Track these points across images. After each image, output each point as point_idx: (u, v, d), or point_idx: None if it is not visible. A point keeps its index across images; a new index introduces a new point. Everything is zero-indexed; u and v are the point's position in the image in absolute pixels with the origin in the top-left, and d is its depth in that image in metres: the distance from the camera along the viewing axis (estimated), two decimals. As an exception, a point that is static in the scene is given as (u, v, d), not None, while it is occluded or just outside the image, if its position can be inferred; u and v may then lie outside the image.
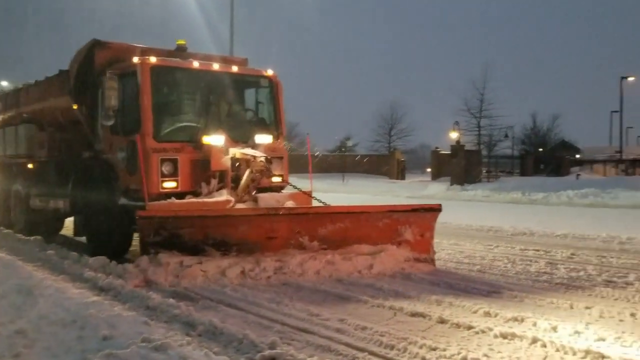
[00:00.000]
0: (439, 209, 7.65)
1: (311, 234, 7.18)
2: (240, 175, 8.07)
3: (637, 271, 7.28)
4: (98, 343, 3.96)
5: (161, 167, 7.73)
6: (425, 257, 7.50)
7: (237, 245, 6.89)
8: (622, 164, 42.47)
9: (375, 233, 7.35)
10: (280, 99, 9.32)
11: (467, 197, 25.44)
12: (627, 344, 4.36)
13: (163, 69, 8.18)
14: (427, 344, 4.42)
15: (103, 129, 8.57)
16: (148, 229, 6.66)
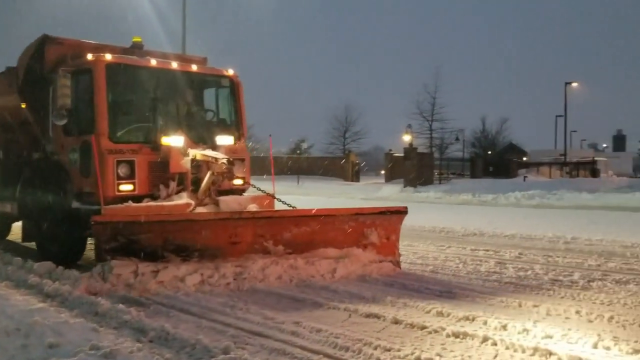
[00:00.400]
0: (405, 211, 7.59)
1: (276, 238, 6.97)
2: (200, 178, 7.88)
3: (581, 270, 7.54)
4: (44, 351, 3.81)
5: (117, 169, 7.46)
6: (391, 260, 7.45)
7: (199, 250, 6.65)
8: (566, 167, 44.04)
9: (341, 236, 7.22)
10: (241, 99, 9.14)
11: (420, 198, 25.83)
12: (573, 341, 4.50)
13: (119, 67, 7.87)
14: (382, 344, 4.45)
15: (54, 129, 8.23)
16: (104, 234, 6.35)
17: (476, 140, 63.64)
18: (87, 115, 7.70)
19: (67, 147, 8.01)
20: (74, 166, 7.81)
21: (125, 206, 7.27)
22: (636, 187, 25.76)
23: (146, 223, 6.40)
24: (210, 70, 9.18)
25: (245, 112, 9.20)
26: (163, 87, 8.40)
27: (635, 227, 12.46)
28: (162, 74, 8.35)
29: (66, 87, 7.41)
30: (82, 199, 7.64)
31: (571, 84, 44.66)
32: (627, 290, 6.33)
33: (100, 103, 7.56)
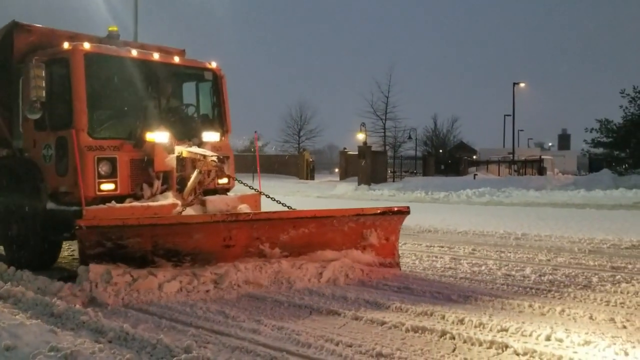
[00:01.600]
0: (407, 211, 7.23)
1: (272, 241, 6.62)
2: (185, 177, 7.53)
3: (532, 265, 7.80)
4: (0, 354, 3.70)
5: (98, 168, 6.98)
6: (390, 261, 7.20)
7: (191, 255, 6.28)
8: (514, 165, 45.33)
9: (340, 238, 6.94)
10: (225, 93, 8.76)
11: (374, 196, 26.12)
12: (527, 334, 4.66)
13: (98, 57, 7.35)
14: (344, 340, 4.51)
15: (25, 124, 7.68)
16: (89, 239, 5.88)
17: (428, 139, 64.75)
18: (63, 109, 7.19)
19: (39, 143, 7.48)
20: (48, 164, 7.31)
21: (109, 207, 6.80)
22: (580, 184, 26.76)
23: (136, 227, 5.97)
24: (193, 62, 8.64)
25: (229, 107, 8.83)
26: (144, 79, 7.90)
27: (582, 223, 12.96)
28: (143, 65, 7.85)
29: (40, 78, 6.83)
30: (57, 199, 7.15)
31: (519, 84, 46.03)
32: (577, 284, 6.59)
33: (78, 95, 7.06)
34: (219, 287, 6.10)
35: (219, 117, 8.71)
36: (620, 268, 7.50)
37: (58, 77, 7.23)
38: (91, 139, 7.04)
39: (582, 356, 4.13)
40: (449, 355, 4.26)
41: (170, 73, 8.20)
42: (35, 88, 6.81)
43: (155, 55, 7.98)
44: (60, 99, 7.23)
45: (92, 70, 7.20)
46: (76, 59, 7.09)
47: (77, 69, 7.07)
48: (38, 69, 6.83)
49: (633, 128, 28.21)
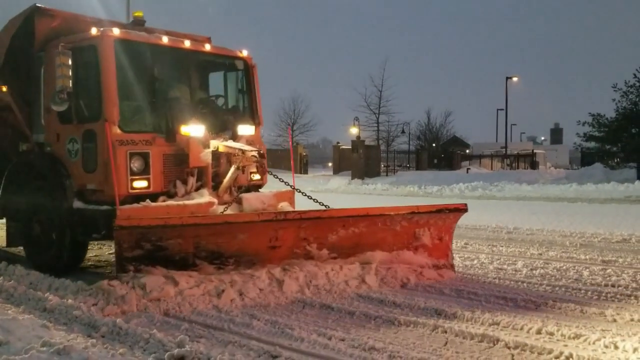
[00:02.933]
0: (464, 209, 6.72)
1: (320, 241, 6.20)
2: (219, 173, 7.14)
3: (524, 258, 7.85)
4: (-8, 350, 3.70)
5: (130, 163, 6.47)
6: (444, 263, 6.70)
7: (235, 256, 5.90)
8: (507, 159, 45.50)
9: (391, 238, 6.48)
10: (257, 83, 8.23)
11: (368, 190, 26.19)
12: (518, 327, 4.70)
13: (128, 44, 6.80)
14: (336, 335, 4.52)
15: (47, 116, 7.14)
16: (128, 241, 5.48)
17: (421, 133, 64.78)
18: (91, 100, 6.70)
19: (63, 137, 6.93)
20: (74, 159, 6.81)
21: (144, 206, 6.30)
22: (573, 178, 26.92)
23: (178, 226, 5.53)
24: (225, 50, 8.00)
25: (260, 98, 8.35)
26: (175, 68, 7.44)
27: (573, 217, 13.04)
28: (174, 53, 7.35)
29: (66, 66, 6.32)
30: (84, 197, 6.68)
31: (512, 78, 46.10)
32: (568, 277, 6.64)
33: (108, 85, 6.53)
34: (246, 297, 5.56)
35: (250, 109, 8.21)
36: (611, 262, 7.56)
37: (85, 66, 6.76)
38: (122, 133, 6.53)
39: (572, 349, 4.16)
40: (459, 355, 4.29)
41: (201, 61, 7.79)
42: (61, 77, 6.34)
43: (187, 43, 7.44)
44: (88, 89, 6.77)
45: (121, 58, 6.71)
46: (106, 46, 6.58)
47: (107, 57, 6.57)
48: (64, 56, 6.35)
49: (625, 122, 28.30)
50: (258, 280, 5.70)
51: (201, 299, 5.46)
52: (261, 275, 5.75)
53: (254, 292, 5.59)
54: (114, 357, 3.63)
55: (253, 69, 8.20)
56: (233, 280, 5.65)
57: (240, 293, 5.53)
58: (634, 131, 28.52)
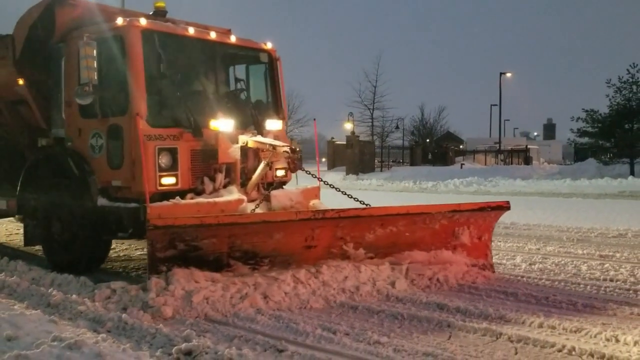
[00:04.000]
0: (507, 207, 6.47)
1: (357, 241, 6.01)
2: (246, 169, 6.96)
3: (522, 253, 7.92)
4: (2, 344, 3.71)
5: (158, 159, 6.22)
6: (483, 263, 6.48)
7: (269, 257, 5.74)
8: (501, 154, 45.66)
9: (429, 237, 6.28)
10: (281, 77, 8.02)
11: (363, 186, 26.23)
12: (520, 321, 4.76)
13: (155, 35, 6.53)
14: (340, 329, 4.57)
15: (67, 110, 6.88)
16: (161, 240, 5.27)
17: (415, 129, 64.92)
18: (116, 93, 6.45)
19: (86, 131, 6.64)
20: (97, 155, 6.54)
21: (174, 204, 6.09)
22: (566, 173, 27.08)
23: (214, 225, 5.34)
24: (250, 43, 7.75)
25: (284, 92, 8.13)
26: (201, 60, 7.18)
27: (569, 212, 13.13)
28: (199, 45, 7.08)
29: (91, 57, 6.05)
30: (108, 195, 6.47)
31: (506, 74, 46.24)
32: (567, 272, 6.71)
33: (136, 78, 6.27)
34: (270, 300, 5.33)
35: (274, 103, 8.01)
36: (609, 256, 7.64)
37: (111, 57, 6.48)
38: (150, 127, 6.25)
39: (574, 342, 4.22)
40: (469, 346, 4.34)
41: (226, 54, 7.55)
42: (86, 69, 6.07)
43: (212, 34, 7.20)
44: (114, 82, 6.50)
45: (148, 50, 6.44)
46: (133, 37, 6.32)
47: (134, 48, 6.31)
48: (89, 47, 6.06)
49: (618, 118, 28.49)
50: (283, 283, 5.47)
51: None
52: (286, 279, 5.52)
53: (279, 295, 5.35)
54: (125, 352, 3.66)
55: (277, 61, 7.99)
56: (257, 282, 5.46)
57: (265, 296, 5.32)
58: (627, 127, 28.71)
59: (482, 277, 6.27)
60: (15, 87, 7.22)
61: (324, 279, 5.62)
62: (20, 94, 7.26)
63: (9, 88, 7.32)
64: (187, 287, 5.18)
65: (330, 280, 5.62)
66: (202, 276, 5.36)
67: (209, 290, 5.18)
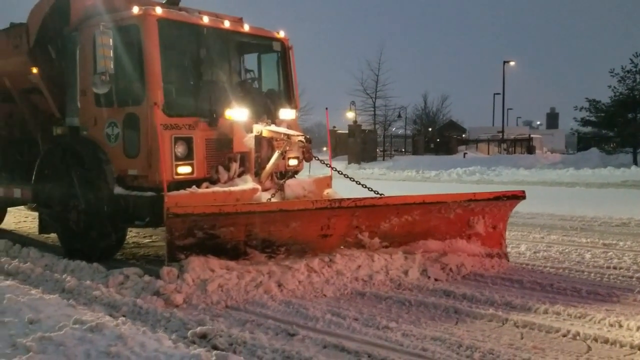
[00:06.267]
0: (522, 196, 6.48)
1: (372, 230, 6.07)
2: (261, 158, 6.99)
3: (527, 242, 8.02)
4: (25, 327, 3.81)
5: (174, 148, 6.27)
6: (498, 252, 6.49)
7: (286, 245, 5.82)
8: (504, 144, 45.60)
9: (444, 226, 6.31)
10: (294, 66, 8.01)
11: (365, 175, 26.26)
12: (526, 307, 4.86)
13: (171, 24, 6.54)
14: (349, 315, 4.68)
15: (83, 99, 6.90)
16: (180, 229, 5.34)
17: (418, 118, 64.90)
18: (132, 82, 6.47)
19: (101, 120, 6.68)
20: (113, 144, 6.58)
21: (190, 193, 6.12)
22: (569, 163, 27.12)
23: (232, 214, 5.40)
24: (263, 31, 7.77)
25: (297, 81, 8.14)
26: (215, 49, 7.14)
27: (572, 201, 13.20)
28: (214, 34, 7.05)
29: (107, 46, 6.06)
30: (124, 183, 6.50)
31: (509, 62, 46.02)
32: (571, 260, 6.81)
33: (152, 67, 6.28)
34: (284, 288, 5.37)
35: (286, 92, 8.01)
36: (612, 245, 7.72)
37: (127, 46, 6.49)
38: (166, 117, 6.28)
39: (579, 328, 4.33)
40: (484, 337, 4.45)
41: (239, 43, 7.54)
42: (102, 58, 6.08)
43: (226, 23, 7.20)
44: (129, 71, 6.50)
45: (164, 39, 6.43)
46: (149, 26, 6.32)
47: (151, 37, 6.30)
48: (105, 36, 6.06)
49: (621, 108, 28.49)
50: (297, 272, 5.52)
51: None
52: (300, 267, 5.57)
53: (293, 284, 5.41)
54: (145, 334, 3.76)
55: (290, 50, 8.01)
56: (271, 271, 5.52)
57: (280, 284, 5.37)
58: (630, 116, 28.70)
59: (496, 266, 6.32)
60: (29, 76, 7.23)
61: (338, 268, 5.70)
62: (34, 82, 7.29)
63: (23, 77, 7.35)
64: (202, 276, 5.25)
65: (344, 269, 5.71)
66: (218, 264, 5.43)
67: (224, 279, 5.27)
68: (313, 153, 6.67)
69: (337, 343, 4.03)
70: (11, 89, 7.80)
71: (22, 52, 7.23)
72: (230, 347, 3.97)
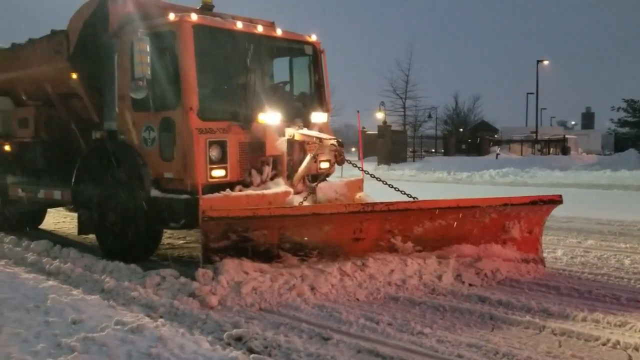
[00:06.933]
0: (559, 201, 6.41)
1: (405, 234, 6.06)
2: (293, 161, 7.08)
3: (563, 247, 7.87)
4: (68, 327, 3.93)
5: (209, 152, 6.39)
6: (534, 257, 6.42)
7: (318, 248, 5.85)
8: (537, 144, 44.84)
9: (478, 230, 6.25)
10: (326, 69, 8.10)
11: (395, 176, 26.09)
12: (563, 315, 4.79)
13: (205, 30, 6.68)
14: (383, 319, 4.68)
15: (120, 104, 7.07)
16: (215, 231, 5.47)
17: (449, 118, 64.28)
18: (168, 87, 6.61)
19: (138, 124, 6.84)
20: (150, 147, 6.73)
21: (225, 196, 6.27)
22: (605, 164, 26.48)
23: (266, 217, 5.49)
24: (295, 35, 7.87)
25: (328, 84, 8.18)
26: (248, 54, 7.22)
27: (609, 205, 12.93)
28: (247, 39, 7.15)
29: (145, 52, 6.24)
30: (160, 186, 6.65)
31: (543, 61, 45.29)
32: (609, 266, 6.67)
33: (188, 72, 6.42)
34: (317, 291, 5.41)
35: (318, 95, 8.09)
36: (653, 251, 7.54)
37: (163, 52, 6.65)
38: (201, 121, 6.40)
39: (619, 336, 4.25)
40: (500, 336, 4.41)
41: (271, 47, 7.66)
42: (140, 64, 6.25)
43: (260, 28, 7.33)
44: (166, 76, 6.65)
45: (200, 44, 6.57)
46: (185, 32, 6.46)
47: (186, 43, 6.44)
48: (142, 42, 6.23)
49: (660, 107, 27.85)
50: (330, 276, 5.56)
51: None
52: (333, 271, 5.60)
53: (325, 287, 5.44)
54: (183, 336, 3.84)
55: (322, 54, 8.10)
56: (304, 274, 5.56)
57: (312, 287, 5.41)
58: (670, 117, 27.96)
59: (532, 271, 6.22)
60: (69, 81, 7.43)
61: (371, 272, 5.70)
62: (74, 87, 7.48)
63: (63, 82, 7.56)
64: (236, 278, 5.32)
65: (377, 273, 5.70)
66: (251, 267, 5.49)
67: (258, 281, 5.32)
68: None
69: (371, 348, 4.04)
70: (51, 94, 8.03)
71: (63, 58, 7.43)
72: (265, 350, 4.01)
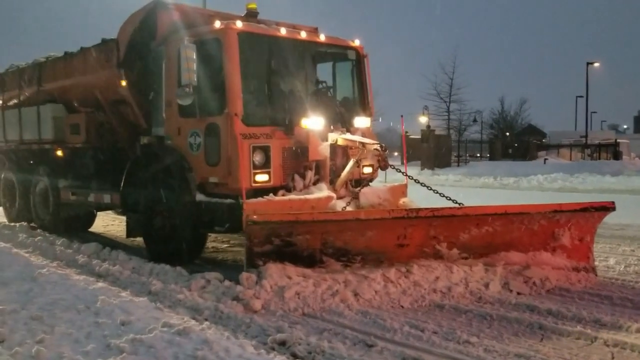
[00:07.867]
0: (612, 207, 6.21)
1: (451, 241, 5.96)
2: (335, 166, 7.04)
3: (616, 255, 7.61)
4: (117, 328, 4.03)
5: (253, 157, 6.44)
6: (585, 266, 6.22)
7: (362, 254, 5.80)
8: (587, 149, 43.54)
9: (527, 238, 6.10)
10: (368, 74, 8.12)
11: (439, 181, 25.76)
12: (616, 325, 4.63)
13: (250, 37, 6.80)
14: (428, 327, 4.62)
15: (168, 110, 7.21)
16: (258, 236, 5.48)
17: (494, 122, 62.98)
18: (214, 93, 6.70)
19: (185, 130, 6.96)
20: (195, 152, 6.83)
21: (268, 200, 6.29)
22: (660, 170, 25.54)
23: (309, 222, 5.51)
24: (338, 40, 7.93)
25: (372, 89, 8.23)
26: (292, 60, 7.31)
27: (664, 212, 12.40)
28: (291, 45, 7.26)
29: (191, 60, 6.34)
30: (205, 190, 6.74)
31: (593, 63, 43.96)
32: (664, 276, 6.41)
33: (233, 79, 6.52)
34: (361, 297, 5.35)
35: (361, 100, 8.12)
36: None
37: (209, 59, 6.75)
38: (245, 126, 6.49)
39: (675, 349, 4.07)
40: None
41: (315, 52, 7.71)
42: (186, 71, 6.35)
43: (303, 34, 7.42)
44: (211, 83, 6.74)
45: (244, 51, 6.67)
46: (230, 39, 6.57)
47: (231, 50, 6.56)
48: (189, 50, 6.36)
49: None
50: (373, 282, 5.50)
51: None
52: (376, 277, 5.54)
53: (369, 293, 5.40)
54: (229, 340, 3.88)
55: (365, 58, 8.10)
56: (347, 280, 5.52)
57: (356, 293, 5.37)
58: None
59: (583, 280, 6.04)
60: (118, 88, 7.63)
61: (415, 278, 5.63)
62: (123, 94, 7.67)
63: (113, 89, 7.77)
64: (279, 283, 5.34)
65: (421, 280, 5.63)
66: (294, 271, 5.50)
67: (301, 286, 5.33)
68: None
69: (416, 356, 3.99)
70: (101, 101, 8.25)
71: (113, 65, 7.62)
72: (309, 355, 4.01)
